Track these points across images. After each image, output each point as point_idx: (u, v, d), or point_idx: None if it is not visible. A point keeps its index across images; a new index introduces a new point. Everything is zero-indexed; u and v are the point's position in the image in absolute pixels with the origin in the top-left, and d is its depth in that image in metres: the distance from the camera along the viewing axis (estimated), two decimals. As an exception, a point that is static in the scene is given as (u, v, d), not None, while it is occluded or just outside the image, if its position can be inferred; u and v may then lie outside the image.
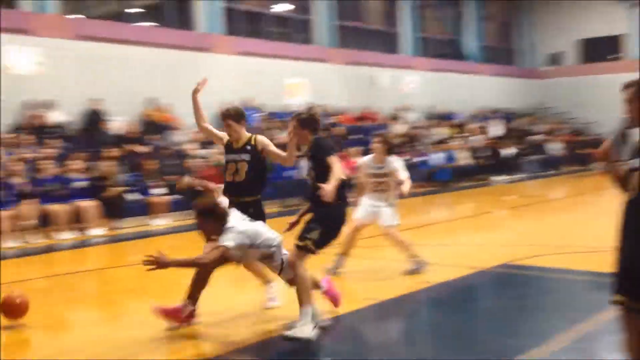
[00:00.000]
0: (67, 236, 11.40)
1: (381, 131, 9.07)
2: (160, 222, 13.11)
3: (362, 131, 19.90)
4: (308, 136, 5.71)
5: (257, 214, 5.73)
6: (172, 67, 17.43)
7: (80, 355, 5.22)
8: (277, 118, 18.79)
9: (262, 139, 5.97)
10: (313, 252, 5.51)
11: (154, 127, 16.03)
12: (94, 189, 12.37)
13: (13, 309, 5.84)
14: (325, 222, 5.52)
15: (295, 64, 20.90)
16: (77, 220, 11.83)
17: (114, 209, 12.49)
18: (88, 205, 11.90)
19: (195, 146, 15.50)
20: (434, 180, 19.59)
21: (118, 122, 15.73)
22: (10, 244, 10.61)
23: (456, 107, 25.91)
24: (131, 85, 16.47)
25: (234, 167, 5.87)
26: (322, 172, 5.49)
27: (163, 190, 13.56)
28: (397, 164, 7.83)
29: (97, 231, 11.91)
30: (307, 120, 5.73)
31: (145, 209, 13.28)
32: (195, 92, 6.08)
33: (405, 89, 24.84)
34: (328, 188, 5.26)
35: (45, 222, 11.39)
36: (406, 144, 20.13)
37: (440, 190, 18.93)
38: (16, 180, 11.20)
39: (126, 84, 16.40)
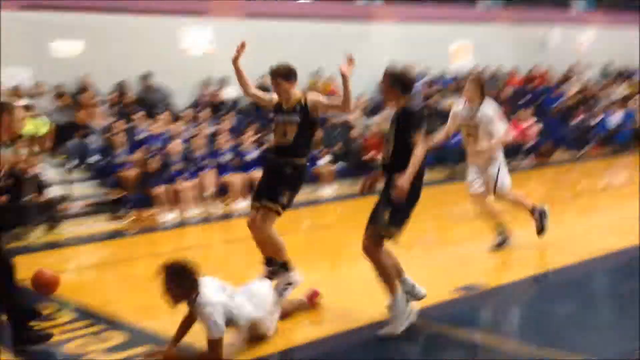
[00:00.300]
0: (242, 205, 12.11)
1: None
2: (327, 191, 13.51)
3: (532, 93, 19.04)
4: (398, 97, 4.99)
5: (298, 178, 5.55)
6: (334, 39, 17.74)
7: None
8: (442, 84, 18.54)
9: (312, 97, 5.57)
10: (389, 238, 4.93)
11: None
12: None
13: (44, 283, 5.82)
14: (395, 203, 4.84)
15: (459, 27, 20.37)
16: (251, 189, 12.50)
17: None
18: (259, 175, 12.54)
19: (359, 115, 15.72)
20: (612, 142, 18.30)
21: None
22: (193, 212, 11.50)
23: (636, 64, 23.89)
24: (297, 59, 16.88)
25: (282, 129, 5.55)
26: (401, 148, 4.87)
27: (329, 160, 13.93)
28: (490, 111, 7.14)
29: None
30: (398, 77, 4.98)
31: (312, 178, 13.73)
32: (235, 59, 5.81)
33: (579, 47, 23.30)
34: (402, 184, 4.70)
35: (223, 191, 12.18)
36: (581, 104, 18.97)
37: (618, 152, 17.67)
38: (197, 153, 12.08)
39: (292, 58, 16.82)
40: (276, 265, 5.64)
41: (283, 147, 5.52)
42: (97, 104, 13.52)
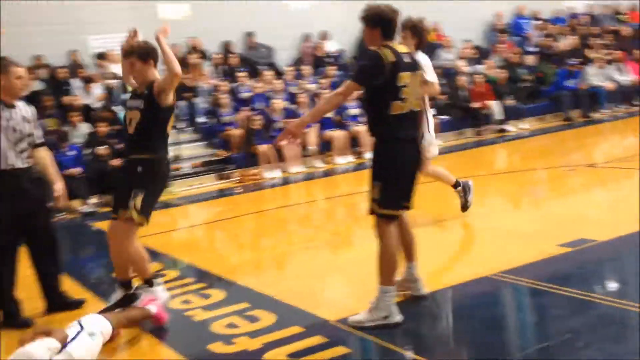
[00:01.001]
0: (345, 160, 12.11)
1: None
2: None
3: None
4: (376, 38, 4.24)
5: (152, 177, 4.72)
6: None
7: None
8: (553, 23, 17.51)
9: (160, 80, 4.68)
10: (388, 217, 4.28)
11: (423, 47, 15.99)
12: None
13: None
14: (383, 170, 4.23)
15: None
16: (353, 144, 12.47)
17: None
18: (361, 131, 12.44)
19: (465, 63, 15.16)
20: None
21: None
22: (296, 168, 11.63)
23: None
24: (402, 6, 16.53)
25: (128, 117, 4.79)
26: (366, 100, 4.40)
27: (433, 112, 13.57)
28: (423, 61, 5.81)
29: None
30: (371, 16, 4.26)
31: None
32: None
33: None
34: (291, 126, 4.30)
35: (326, 147, 12.22)
36: None
37: None
38: (300, 110, 12.14)
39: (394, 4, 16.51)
40: (140, 285, 4.94)
41: (130, 140, 4.79)
42: (202, 65, 13.82)
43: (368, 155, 12.32)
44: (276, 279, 5.94)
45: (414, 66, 4.31)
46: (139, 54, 4.75)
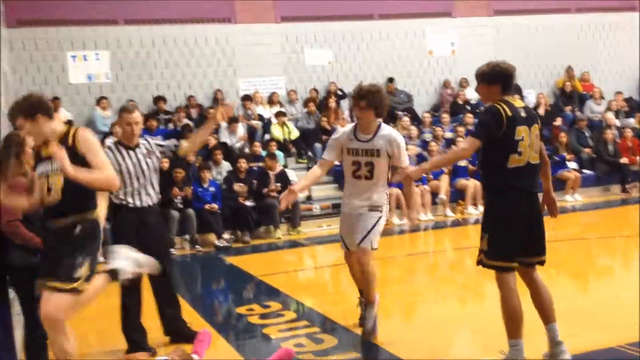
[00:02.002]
0: (477, 211, 11.83)
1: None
2: (571, 198, 12.61)
3: None
4: (495, 93, 4.30)
5: (93, 237, 4.07)
6: (588, 31, 16.48)
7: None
8: None
9: (83, 134, 3.99)
10: (500, 269, 4.25)
11: (570, 97, 15.42)
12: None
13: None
14: (492, 221, 4.26)
15: None
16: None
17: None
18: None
19: (614, 116, 14.39)
20: None
21: (530, 95, 15.61)
22: (424, 217, 11.52)
23: None
24: (546, 56, 16.16)
25: (45, 183, 3.98)
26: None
27: (575, 165, 12.99)
28: (396, 138, 5.16)
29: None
30: (490, 73, 4.32)
31: (555, 184, 12.91)
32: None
33: None
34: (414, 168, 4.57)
35: (457, 196, 12.02)
36: None
37: None
38: (431, 157, 12.07)
39: (541, 55, 16.16)
40: None
41: (56, 206, 3.98)
42: (340, 109, 14.15)
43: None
44: (395, 330, 5.84)
45: (531, 120, 4.31)
46: (23, 110, 3.93)
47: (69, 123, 4.27)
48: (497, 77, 4.30)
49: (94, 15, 13.21)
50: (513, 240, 4.24)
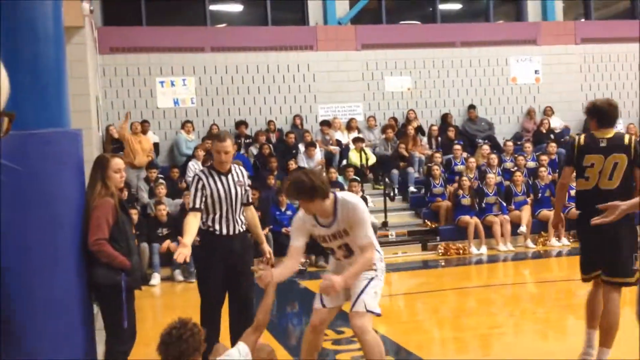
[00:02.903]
0: (559, 243, 11.46)
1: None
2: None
3: None
4: (593, 126, 5.09)
5: None
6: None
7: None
8: None
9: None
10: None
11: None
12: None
13: None
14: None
15: None
16: (571, 227, 11.76)
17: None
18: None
19: None
20: None
21: (619, 126, 15.04)
22: (504, 247, 11.23)
23: None
24: (635, 85, 15.62)
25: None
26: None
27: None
28: (349, 210, 4.35)
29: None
30: (588, 108, 5.20)
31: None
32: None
33: None
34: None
35: (539, 228, 11.67)
36: None
37: None
38: (515, 188, 11.82)
39: (630, 84, 15.65)
40: None
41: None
42: (418, 136, 14.07)
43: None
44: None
45: (610, 149, 4.83)
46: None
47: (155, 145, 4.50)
48: (593, 113, 5.03)
49: (182, 43, 13.74)
50: (584, 256, 5.05)
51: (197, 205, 5.10)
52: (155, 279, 9.79)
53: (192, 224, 5.02)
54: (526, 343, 6.11)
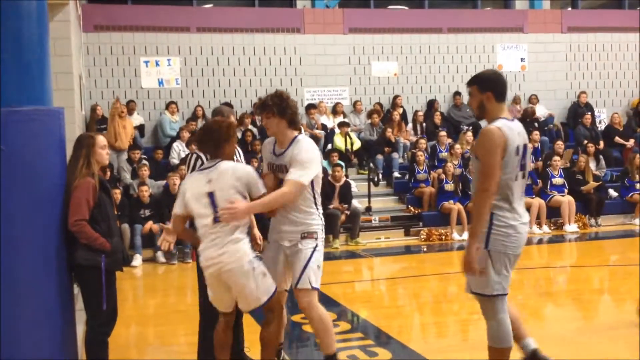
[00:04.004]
0: (540, 230, 11.57)
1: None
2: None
3: None
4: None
5: None
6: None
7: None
8: None
9: None
10: None
11: (643, 118, 14.93)
12: (571, 185, 12.23)
13: None
14: None
15: None
16: (552, 214, 11.90)
17: (591, 206, 12.11)
18: (564, 202, 11.84)
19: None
20: None
21: (603, 115, 15.20)
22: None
23: None
24: (620, 75, 15.72)
25: None
26: None
27: (647, 188, 12.54)
28: (300, 149, 4.31)
29: (572, 227, 11.75)
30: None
31: (625, 207, 12.52)
32: None
33: None
34: None
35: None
36: None
37: None
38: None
39: (614, 73, 15.73)
40: None
41: None
42: (403, 121, 14.08)
43: (568, 227, 11.68)
44: (455, 348, 5.73)
45: None
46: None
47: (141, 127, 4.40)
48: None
49: (168, 23, 13.59)
50: None
51: None
52: (137, 260, 9.76)
53: None
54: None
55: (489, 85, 4.08)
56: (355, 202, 11.51)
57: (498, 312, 4.04)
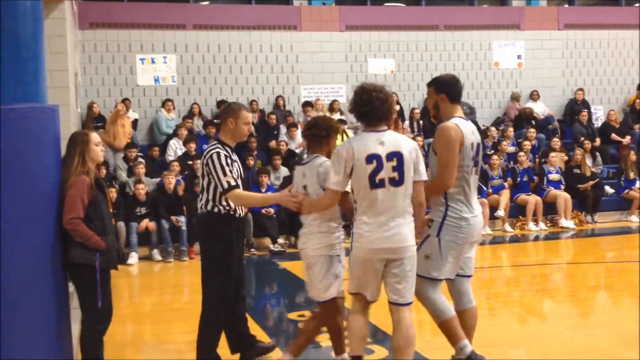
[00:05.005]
0: (537, 227, 11.59)
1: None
2: (636, 219, 12.20)
3: None
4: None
5: None
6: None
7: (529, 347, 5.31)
8: None
9: None
10: None
11: (639, 115, 14.92)
12: (568, 181, 12.24)
13: None
14: None
15: None
16: (548, 211, 11.91)
17: (587, 202, 12.12)
18: (560, 196, 11.84)
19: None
20: None
21: (599, 112, 15.23)
22: (483, 231, 11.32)
23: None
24: (617, 72, 15.74)
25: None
26: None
27: (642, 185, 12.58)
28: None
29: (568, 223, 11.76)
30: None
31: (621, 204, 12.53)
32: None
33: None
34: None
35: (517, 212, 11.77)
36: None
37: None
38: (493, 172, 11.87)
39: (611, 70, 15.75)
40: None
41: None
42: (399, 119, 14.06)
43: (564, 223, 11.68)
44: (446, 344, 5.74)
45: None
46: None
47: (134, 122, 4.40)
48: None
49: (164, 20, 13.56)
50: None
51: (238, 182, 4.60)
52: (133, 258, 9.74)
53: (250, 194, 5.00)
54: (500, 326, 6.16)
55: (443, 88, 4.43)
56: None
57: (435, 292, 4.43)
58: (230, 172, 4.55)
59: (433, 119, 4.70)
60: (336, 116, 13.85)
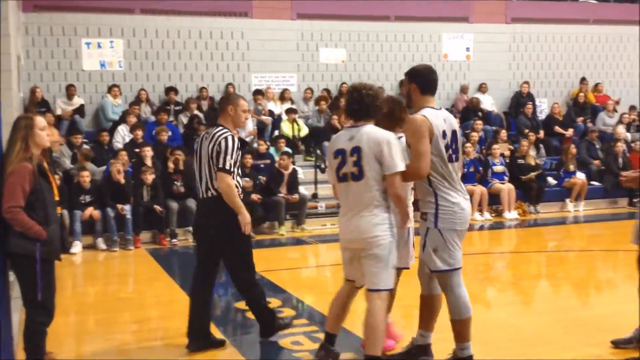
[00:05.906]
0: (482, 217, 11.81)
1: None
2: (577, 209, 12.59)
3: None
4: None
5: None
6: (602, 42, 16.42)
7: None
8: None
9: None
10: None
11: (582, 108, 15.35)
12: (512, 171, 12.51)
13: None
14: None
15: None
16: (493, 202, 12.15)
17: (531, 193, 12.42)
18: (504, 190, 12.11)
19: (624, 129, 14.30)
20: None
21: (544, 105, 15.59)
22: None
23: None
24: (561, 66, 16.16)
25: None
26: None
27: (583, 176, 12.95)
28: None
29: (511, 214, 12.04)
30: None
31: (563, 194, 12.89)
32: None
33: None
34: None
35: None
36: None
37: None
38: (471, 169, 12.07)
39: (556, 64, 16.15)
40: None
41: None
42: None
43: (508, 214, 11.95)
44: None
45: None
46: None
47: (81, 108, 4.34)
48: None
49: (111, 4, 13.24)
50: None
51: (233, 170, 4.94)
52: (77, 247, 9.54)
53: (236, 193, 5.01)
54: (446, 313, 6.23)
55: (415, 78, 4.42)
56: (301, 189, 11.51)
57: (455, 285, 4.43)
58: (235, 161, 4.92)
59: (408, 108, 4.68)
60: (286, 105, 13.83)
